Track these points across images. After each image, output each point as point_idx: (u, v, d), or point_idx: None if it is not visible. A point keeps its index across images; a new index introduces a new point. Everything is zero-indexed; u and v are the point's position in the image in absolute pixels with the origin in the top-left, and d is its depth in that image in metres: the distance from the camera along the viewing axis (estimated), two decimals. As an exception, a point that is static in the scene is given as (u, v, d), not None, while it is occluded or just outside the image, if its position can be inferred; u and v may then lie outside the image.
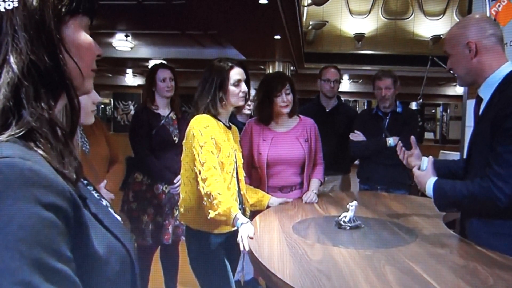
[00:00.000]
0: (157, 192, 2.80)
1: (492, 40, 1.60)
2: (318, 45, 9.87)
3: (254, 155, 2.46)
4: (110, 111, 14.94)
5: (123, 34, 7.45)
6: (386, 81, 3.13)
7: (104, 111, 15.57)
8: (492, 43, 1.60)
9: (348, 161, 3.54)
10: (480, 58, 1.60)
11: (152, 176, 2.80)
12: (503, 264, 1.40)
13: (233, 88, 2.05)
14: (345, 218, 1.85)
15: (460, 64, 1.66)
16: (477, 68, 1.62)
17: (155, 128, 2.80)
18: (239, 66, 2.09)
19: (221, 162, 1.98)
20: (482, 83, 1.63)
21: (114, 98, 15.16)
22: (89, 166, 2.12)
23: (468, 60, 1.62)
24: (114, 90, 15.23)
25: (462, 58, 1.64)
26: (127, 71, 12.99)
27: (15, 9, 0.60)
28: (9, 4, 0.60)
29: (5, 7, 0.60)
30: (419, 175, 1.77)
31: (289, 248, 1.55)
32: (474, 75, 1.65)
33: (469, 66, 1.63)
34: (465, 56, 1.62)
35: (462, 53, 1.63)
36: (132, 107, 13.75)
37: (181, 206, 2.06)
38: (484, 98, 1.63)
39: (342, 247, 1.56)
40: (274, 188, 2.46)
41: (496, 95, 1.57)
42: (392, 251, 1.52)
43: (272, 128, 2.51)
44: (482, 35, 1.59)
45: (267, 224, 1.94)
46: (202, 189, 1.90)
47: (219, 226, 1.98)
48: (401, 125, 3.13)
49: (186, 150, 2.02)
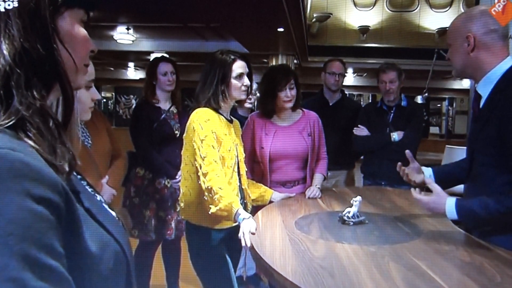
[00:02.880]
0: (159, 186, 2.81)
1: (493, 36, 1.57)
2: (322, 38, 9.80)
3: (257, 149, 2.45)
4: (112, 105, 14.95)
5: (125, 27, 7.41)
6: (390, 74, 3.10)
7: (106, 105, 15.59)
8: (493, 39, 1.57)
9: (352, 156, 3.51)
10: (478, 53, 1.57)
11: (154, 170, 2.80)
12: (510, 261, 1.38)
13: (235, 81, 2.03)
14: (348, 213, 1.83)
15: (457, 56, 1.63)
16: (474, 63, 1.59)
17: (156, 122, 2.79)
18: (241, 59, 2.07)
19: (222, 157, 1.97)
20: (480, 79, 1.60)
21: (116, 92, 15.16)
22: (91, 161, 2.11)
23: (465, 53, 1.59)
24: (116, 84, 15.23)
25: (460, 51, 1.61)
26: (129, 64, 12.97)
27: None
28: (9, 4, 0.59)
29: (5, 7, 0.59)
30: (429, 201, 1.63)
31: (291, 244, 1.53)
32: (470, 69, 1.62)
33: (466, 60, 1.60)
34: (464, 49, 1.59)
35: (460, 46, 1.60)
36: (134, 101, 13.75)
37: (182, 201, 2.05)
38: (483, 95, 1.60)
39: (345, 243, 1.55)
40: (276, 183, 2.44)
41: (496, 93, 1.54)
42: (397, 248, 1.50)
43: (275, 122, 2.49)
44: (484, 30, 1.56)
45: (269, 220, 1.93)
46: (203, 184, 1.88)
47: (220, 221, 1.97)
48: (406, 119, 3.10)
49: (187, 144, 2.01)
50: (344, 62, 3.45)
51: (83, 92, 1.57)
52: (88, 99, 1.60)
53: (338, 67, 3.38)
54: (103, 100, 16.57)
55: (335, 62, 3.41)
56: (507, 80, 1.52)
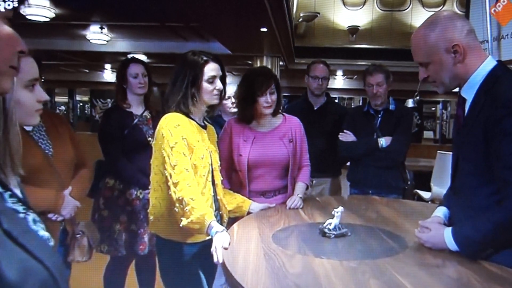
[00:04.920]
0: (130, 198, 2.74)
1: (473, 36, 1.54)
2: (309, 39, 9.86)
3: (234, 157, 2.42)
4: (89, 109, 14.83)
5: (98, 26, 7.36)
6: (377, 76, 3.08)
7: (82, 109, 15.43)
8: (474, 40, 1.54)
9: (338, 163, 3.50)
10: (465, 60, 1.53)
11: (125, 180, 2.74)
12: (500, 276, 1.36)
13: (206, 84, 2.00)
14: (330, 225, 1.81)
15: (443, 71, 1.57)
16: (462, 71, 1.55)
17: (127, 128, 2.74)
18: (214, 61, 2.04)
19: (194, 165, 1.93)
20: (465, 83, 1.57)
21: (91, 95, 15.04)
22: (52, 171, 2.06)
23: (452, 65, 1.54)
24: (92, 87, 15.11)
25: (445, 64, 1.55)
26: (105, 66, 12.88)
27: None
28: (9, 4, 0.58)
29: (5, 7, 0.58)
30: (429, 238, 1.59)
31: (266, 260, 1.50)
32: (459, 79, 1.58)
33: (454, 71, 1.55)
34: (449, 61, 1.54)
35: (445, 60, 1.54)
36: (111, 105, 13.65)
37: (151, 214, 2.00)
38: (468, 98, 1.57)
39: (324, 258, 1.52)
40: (255, 192, 2.41)
41: (481, 94, 1.51)
42: (379, 262, 1.47)
43: (254, 127, 2.46)
44: (465, 33, 1.53)
45: (245, 233, 1.90)
46: (174, 194, 1.84)
47: (193, 235, 1.93)
48: (394, 124, 3.10)
49: (156, 152, 1.97)
50: (328, 64, 3.43)
51: (24, 94, 1.50)
52: (32, 101, 1.53)
53: (322, 70, 3.36)
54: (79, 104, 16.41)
55: (318, 64, 3.39)
56: (491, 81, 1.50)
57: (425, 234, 1.62)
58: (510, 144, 1.39)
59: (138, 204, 2.73)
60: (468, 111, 1.57)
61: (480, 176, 1.50)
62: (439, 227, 1.60)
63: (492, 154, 1.44)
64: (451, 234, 1.53)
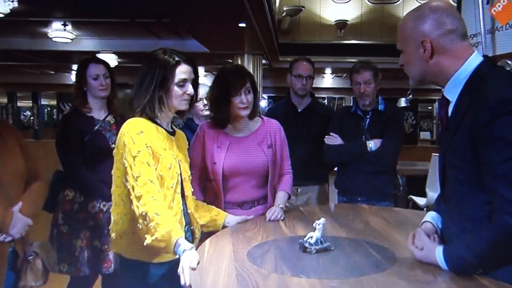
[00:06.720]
0: (93, 211, 2.71)
1: (452, 37, 1.49)
2: (294, 35, 9.86)
3: (208, 165, 2.38)
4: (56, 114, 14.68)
5: (60, 23, 7.26)
6: (365, 74, 3.07)
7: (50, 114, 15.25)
8: (452, 41, 1.49)
9: (324, 169, 3.48)
10: (438, 59, 1.50)
11: (86, 192, 2.71)
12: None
13: (176, 88, 1.95)
14: (311, 239, 1.77)
15: (413, 64, 1.56)
16: (434, 69, 1.52)
17: (88, 134, 2.70)
18: (187, 63, 1.98)
19: (160, 176, 1.88)
20: (446, 83, 1.54)
21: (58, 99, 14.87)
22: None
23: (422, 60, 1.52)
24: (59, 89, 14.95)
25: (416, 58, 1.53)
26: (73, 67, 12.72)
27: None
28: (9, 4, 0.50)
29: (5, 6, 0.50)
30: (422, 257, 1.57)
31: (238, 281, 1.46)
32: (431, 76, 1.55)
33: (424, 68, 1.53)
34: (419, 56, 1.52)
35: (415, 52, 1.53)
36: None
37: (113, 231, 1.94)
38: (452, 99, 1.54)
39: (303, 277, 1.48)
40: (232, 203, 2.38)
41: (465, 95, 1.48)
42: (364, 281, 1.44)
43: (229, 132, 2.42)
44: (440, 32, 1.49)
45: (217, 250, 1.85)
46: (136, 209, 1.78)
47: (160, 254, 1.87)
48: (384, 125, 3.09)
49: (117, 162, 1.91)
50: (312, 62, 3.41)
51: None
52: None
53: (306, 68, 3.34)
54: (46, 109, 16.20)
55: (302, 62, 3.36)
56: (476, 80, 1.47)
57: (418, 252, 1.59)
58: (499, 151, 1.35)
59: (101, 217, 2.70)
60: (452, 113, 1.54)
61: (470, 184, 1.46)
62: (430, 245, 1.56)
63: (480, 161, 1.41)
64: (442, 255, 1.50)
